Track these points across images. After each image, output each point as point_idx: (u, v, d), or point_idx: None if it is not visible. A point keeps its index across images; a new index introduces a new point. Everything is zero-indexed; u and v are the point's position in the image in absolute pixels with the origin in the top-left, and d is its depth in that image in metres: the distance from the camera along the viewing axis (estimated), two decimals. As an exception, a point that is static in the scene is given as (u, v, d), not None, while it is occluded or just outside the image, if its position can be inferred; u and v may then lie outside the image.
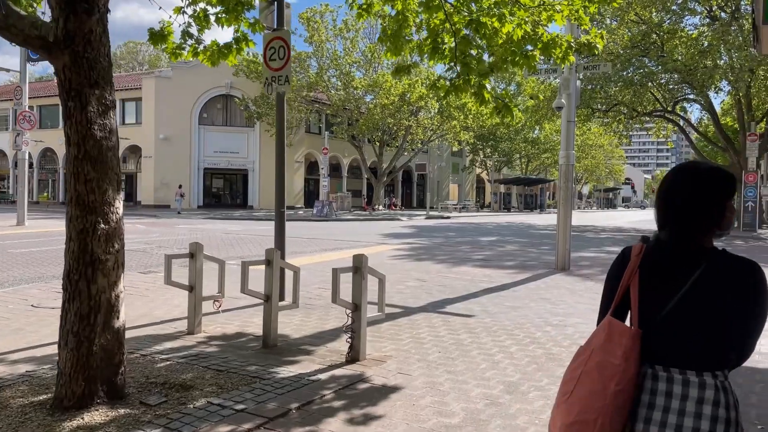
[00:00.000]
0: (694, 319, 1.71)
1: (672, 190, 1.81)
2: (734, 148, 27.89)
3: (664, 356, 1.73)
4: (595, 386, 1.72)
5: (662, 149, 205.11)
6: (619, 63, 24.76)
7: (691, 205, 1.76)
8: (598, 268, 11.53)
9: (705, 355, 1.71)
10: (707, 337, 1.70)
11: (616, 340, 1.74)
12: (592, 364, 1.75)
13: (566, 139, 10.92)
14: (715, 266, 1.71)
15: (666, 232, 1.81)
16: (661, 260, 1.79)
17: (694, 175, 1.79)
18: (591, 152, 68.48)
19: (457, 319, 6.91)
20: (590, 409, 1.71)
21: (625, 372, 1.71)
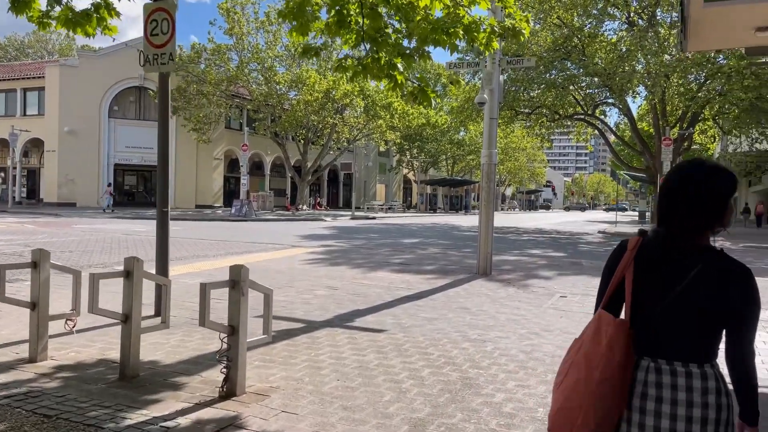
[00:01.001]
0: (688, 316, 1.77)
1: (677, 188, 1.82)
2: (650, 152, 28.64)
3: (665, 349, 1.79)
4: (581, 375, 1.78)
5: (581, 153, 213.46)
6: (542, 65, 24.83)
7: (696, 202, 1.78)
8: (520, 272, 11.02)
9: (703, 349, 1.78)
10: (698, 333, 1.77)
11: (603, 330, 1.80)
12: (581, 354, 1.81)
13: (488, 137, 10.35)
14: (711, 266, 1.77)
15: (665, 228, 1.84)
16: (659, 255, 1.83)
17: (699, 173, 1.81)
18: (514, 155, 69.83)
19: (366, 335, 6.07)
20: (575, 396, 1.77)
21: (609, 361, 1.76)
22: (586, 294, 8.95)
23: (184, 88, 36.07)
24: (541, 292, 9.02)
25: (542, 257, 14.46)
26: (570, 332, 6.45)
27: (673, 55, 23.59)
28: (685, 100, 25.55)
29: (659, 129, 27.55)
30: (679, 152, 29.56)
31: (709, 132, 33.15)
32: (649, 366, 1.79)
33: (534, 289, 9.26)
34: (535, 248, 17.42)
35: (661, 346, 1.79)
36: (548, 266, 12.07)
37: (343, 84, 35.07)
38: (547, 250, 16.80)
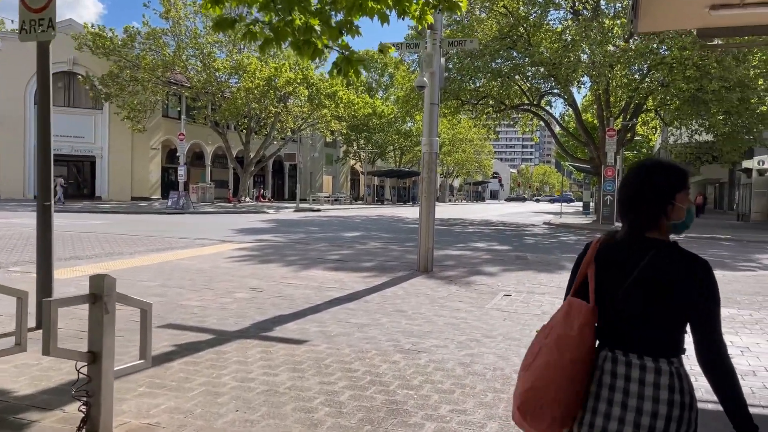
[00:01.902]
0: (645, 306, 1.79)
1: (624, 186, 1.91)
2: (594, 143, 28.68)
3: (622, 341, 1.82)
4: (553, 357, 1.81)
5: (527, 145, 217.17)
6: (487, 54, 24.37)
7: (637, 198, 1.85)
8: (462, 268, 10.40)
9: (659, 341, 1.78)
10: (658, 324, 1.78)
11: (574, 314, 1.84)
12: (552, 338, 1.85)
13: (429, 123, 9.64)
14: (661, 256, 1.80)
15: (623, 227, 1.91)
16: (615, 251, 1.89)
17: (640, 170, 1.89)
18: (462, 146, 69.88)
19: (283, 348, 5.27)
20: (545, 376, 1.80)
21: (581, 343, 1.80)
22: (531, 292, 8.39)
23: (116, 74, 34.13)
24: (484, 291, 8.40)
25: (487, 251, 13.94)
26: (514, 338, 5.82)
27: (617, 46, 23.51)
28: (628, 91, 25.59)
29: (603, 120, 27.59)
30: (623, 143, 29.74)
31: (651, 123, 33.57)
32: (606, 356, 1.84)
33: (477, 287, 8.64)
34: (480, 241, 16.93)
35: (620, 337, 1.83)
36: (493, 261, 11.52)
37: (286, 71, 33.90)
38: (492, 243, 16.33)
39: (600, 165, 27.10)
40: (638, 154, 54.44)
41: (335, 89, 38.18)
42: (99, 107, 37.88)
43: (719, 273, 10.85)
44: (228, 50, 38.24)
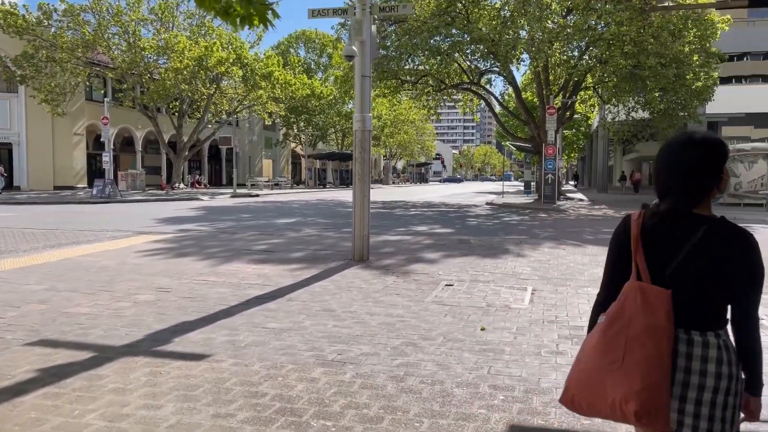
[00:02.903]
0: (695, 282, 1.78)
1: (670, 162, 1.86)
2: (534, 122, 28.43)
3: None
4: (650, 351, 1.74)
5: (468, 126, 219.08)
6: (426, 31, 23.54)
7: (689, 174, 1.82)
8: (402, 256, 9.60)
9: (706, 316, 1.79)
10: (708, 299, 1.79)
11: (656, 302, 1.77)
12: (638, 329, 1.77)
13: (361, 98, 8.73)
14: (713, 231, 1.79)
15: (668, 201, 1.86)
16: (661, 228, 1.84)
17: (693, 145, 1.84)
18: (404, 127, 69.20)
19: (179, 366, 4.32)
20: (653, 372, 1.73)
21: (671, 332, 1.76)
22: (475, 280, 7.67)
23: (31, 54, 31.55)
24: (424, 281, 7.63)
25: (428, 235, 13.20)
26: (456, 339, 5.05)
27: (555, 23, 23.12)
28: (567, 68, 25.33)
29: (543, 98, 27.33)
30: (562, 121, 29.63)
31: (589, 102, 33.64)
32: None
33: (416, 277, 7.86)
34: (421, 224, 16.20)
35: (676, 315, 1.79)
36: (434, 246, 10.78)
37: (217, 51, 32.17)
38: (434, 226, 15.63)
39: (540, 144, 26.87)
40: (576, 133, 55.15)
41: (271, 70, 36.64)
42: (13, 90, 35.12)
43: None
44: (155, 29, 36.08)
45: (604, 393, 1.79)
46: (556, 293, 6.97)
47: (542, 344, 4.96)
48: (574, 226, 16.18)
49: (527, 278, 7.87)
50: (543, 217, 19.87)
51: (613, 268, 1.94)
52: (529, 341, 5.05)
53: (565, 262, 9.12)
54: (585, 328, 5.61)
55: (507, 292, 7.02)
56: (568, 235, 13.61)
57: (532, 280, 7.76)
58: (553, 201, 25.71)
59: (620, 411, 1.77)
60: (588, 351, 1.86)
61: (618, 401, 1.76)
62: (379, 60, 25.31)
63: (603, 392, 1.79)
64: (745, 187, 25.38)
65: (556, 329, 5.43)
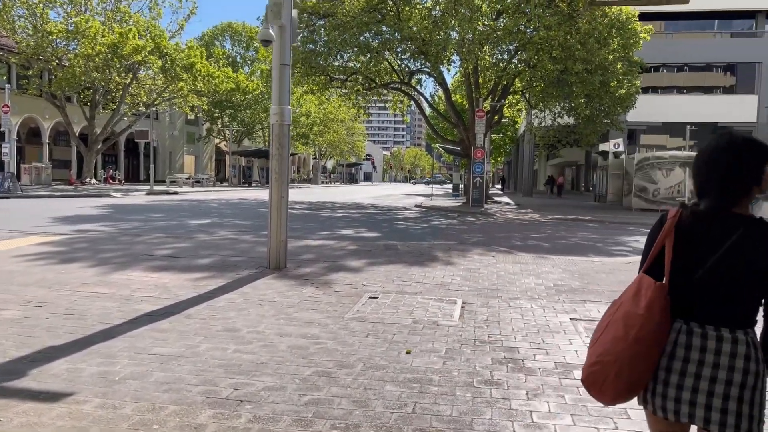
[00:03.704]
0: (729, 280, 1.82)
1: (711, 162, 1.90)
2: (464, 124, 28.31)
3: (699, 313, 1.85)
4: (618, 333, 1.85)
5: (399, 127, 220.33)
6: (355, 26, 22.84)
7: (731, 175, 1.85)
8: (323, 263, 8.81)
9: (737, 314, 1.83)
10: (740, 297, 1.83)
11: (643, 292, 1.86)
12: (620, 314, 1.89)
13: (279, 89, 7.89)
14: (752, 232, 1.82)
15: (706, 200, 1.88)
16: (699, 226, 1.88)
17: (732, 147, 1.88)
18: (334, 126, 68.29)
19: (24, 410, 3.39)
20: (611, 352, 1.85)
21: (646, 321, 1.82)
22: (401, 291, 7.00)
23: None
24: (345, 293, 6.89)
25: (353, 239, 12.48)
26: (377, 366, 4.35)
27: (486, 25, 22.97)
28: (496, 72, 25.29)
29: (472, 101, 27.22)
30: (491, 125, 29.68)
31: (517, 106, 33.95)
32: (681, 328, 1.87)
33: (337, 288, 7.11)
34: (347, 227, 15.47)
35: (696, 310, 1.86)
36: (358, 252, 10.05)
37: (133, 38, 30.22)
38: (361, 230, 14.94)
39: (469, 147, 26.73)
40: (504, 137, 56.05)
41: (193, 61, 34.90)
42: None
43: (597, 260, 10.20)
44: (65, 12, 33.60)
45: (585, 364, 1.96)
46: (487, 306, 6.41)
47: (475, 371, 4.34)
48: (503, 230, 15.91)
49: (457, 289, 7.29)
50: (471, 221, 19.59)
51: (643, 260, 2.02)
52: (460, 367, 4.42)
53: (496, 271, 8.63)
54: (520, 349, 4.97)
55: (435, 305, 6.40)
56: (497, 240, 13.25)
57: (461, 291, 7.19)
58: (481, 204, 25.61)
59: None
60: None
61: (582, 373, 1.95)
62: (307, 55, 24.44)
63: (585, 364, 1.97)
64: (663, 194, 26.17)
65: (489, 351, 4.83)
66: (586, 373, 1.92)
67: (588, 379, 1.91)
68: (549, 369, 4.44)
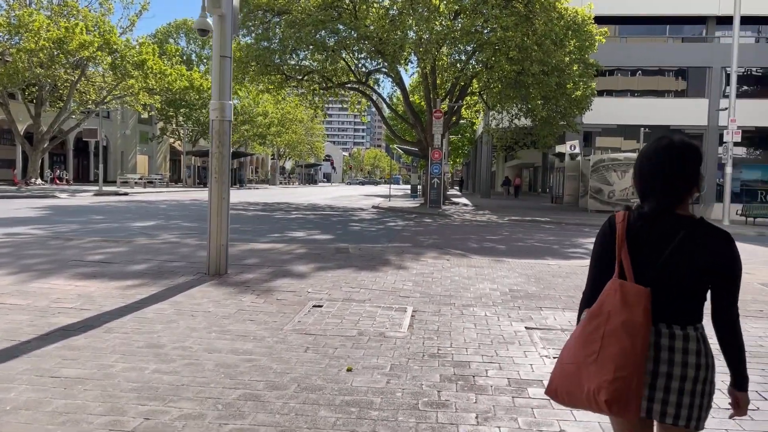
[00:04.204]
0: (677, 279, 1.89)
1: (653, 164, 1.97)
2: (422, 125, 28.06)
3: (653, 313, 1.88)
4: (625, 344, 1.83)
5: (359, 129, 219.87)
6: (311, 24, 22.30)
7: (674, 177, 1.93)
8: (268, 268, 8.30)
9: (686, 311, 1.92)
10: (688, 295, 1.91)
11: (633, 300, 1.86)
12: (616, 324, 1.85)
13: (219, 82, 7.37)
14: (694, 231, 1.91)
15: (650, 202, 1.95)
16: (645, 228, 1.94)
17: (673, 150, 1.96)
18: (292, 127, 67.34)
19: None
20: (626, 365, 1.82)
21: (647, 328, 1.85)
22: (348, 299, 6.57)
23: None
24: (288, 301, 6.42)
25: (304, 242, 11.98)
26: (314, 387, 3.91)
27: (443, 25, 22.74)
28: (454, 72, 25.11)
29: (430, 101, 26.98)
30: (449, 126, 29.52)
31: (475, 107, 33.90)
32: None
33: (280, 296, 6.64)
34: (300, 229, 14.96)
35: (659, 310, 1.90)
36: (307, 256, 9.57)
37: (80, 33, 28.97)
38: (314, 232, 14.44)
39: (427, 147, 26.49)
40: (462, 138, 56.20)
41: (144, 58, 33.74)
42: None
43: (554, 263, 9.98)
44: (8, 4, 32.04)
45: (581, 384, 1.89)
46: (438, 315, 6.04)
47: (421, 391, 3.94)
48: (459, 232, 15.64)
49: (408, 296, 6.90)
50: (428, 222, 19.29)
51: (598, 266, 2.03)
52: (405, 386, 4.01)
53: (449, 276, 8.28)
54: (471, 363, 4.57)
55: (384, 314, 5.99)
56: (453, 243, 12.95)
57: (413, 297, 6.80)
58: (438, 205, 25.39)
59: (594, 401, 1.87)
60: (569, 345, 1.98)
61: (592, 391, 1.86)
62: (262, 53, 23.81)
63: (580, 383, 1.90)
64: (618, 195, 26.43)
65: (438, 367, 4.44)
66: (609, 391, 1.83)
67: (612, 397, 1.83)
68: (502, 387, 4.07)
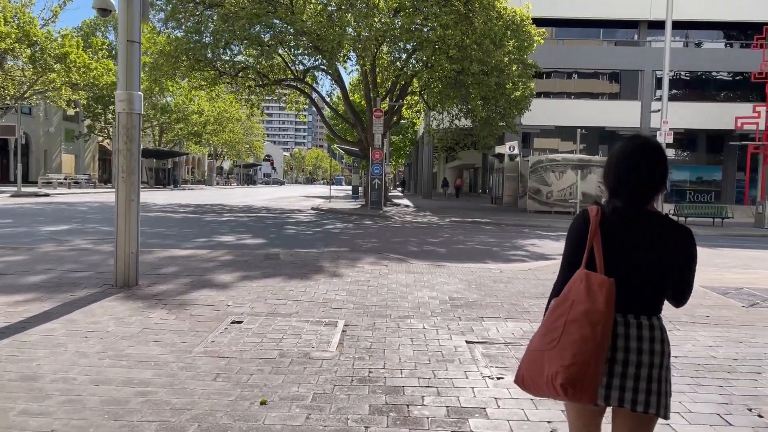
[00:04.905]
0: (646, 273, 2.01)
1: (627, 164, 2.07)
2: (362, 125, 27.49)
3: (623, 305, 2.00)
4: (585, 331, 1.91)
5: (300, 128, 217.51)
6: (244, 18, 21.34)
7: (648, 175, 2.04)
8: (186, 278, 7.51)
9: (653, 303, 2.05)
10: (655, 288, 2.04)
11: (597, 289, 1.94)
12: (578, 312, 1.94)
13: (126, 71, 6.53)
14: (663, 228, 2.04)
15: (622, 199, 2.06)
16: (618, 223, 2.03)
17: (648, 150, 2.07)
18: (229, 125, 65.42)
19: None
20: (585, 350, 1.90)
21: (608, 317, 1.93)
22: (273, 313, 5.90)
23: None
24: (204, 316, 5.70)
25: (232, 248, 11.17)
26: (217, 427, 3.26)
27: (384, 22, 22.24)
28: (394, 71, 24.67)
29: (370, 101, 26.45)
30: (390, 125, 29.09)
31: (416, 107, 33.59)
32: (618, 320, 2.00)
33: (195, 311, 5.90)
34: (230, 233, 14.08)
35: (629, 302, 2.00)
36: (233, 264, 8.80)
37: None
38: (244, 236, 13.61)
39: (368, 147, 25.94)
40: (404, 139, 55.99)
41: (66, 51, 31.78)
42: None
43: (495, 267, 9.57)
44: None
45: (542, 370, 1.98)
46: (372, 329, 5.46)
47: (346, 428, 3.34)
48: (399, 235, 15.15)
49: (340, 307, 6.28)
50: (368, 224, 18.73)
51: (571, 257, 2.11)
52: (328, 423, 3.40)
53: (386, 283, 7.72)
54: (406, 389, 3.97)
55: (311, 330, 5.36)
56: (392, 246, 12.42)
57: (345, 309, 6.20)
58: (379, 207, 24.89)
59: (552, 385, 1.95)
60: (535, 335, 2.09)
61: (550, 376, 1.95)
62: (193, 46, 22.68)
63: (542, 369, 1.98)
64: (556, 196, 26.62)
65: (369, 395, 3.85)
66: (564, 375, 1.91)
67: (567, 381, 1.91)
68: (439, 418, 3.52)
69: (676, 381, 4.27)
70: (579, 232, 2.06)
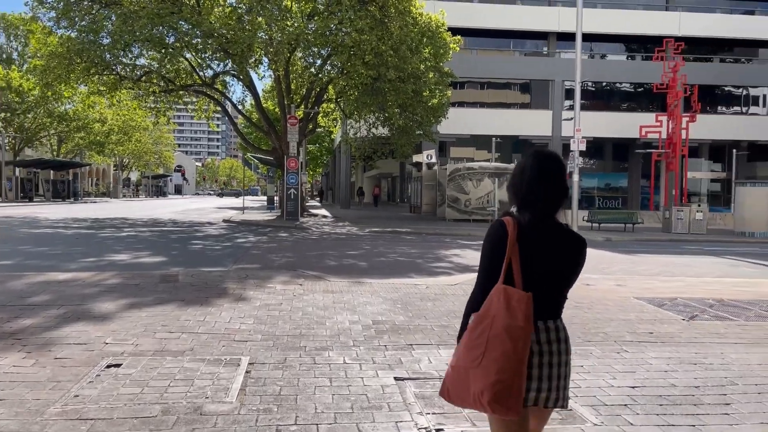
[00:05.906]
0: (554, 280, 2.11)
1: (540, 175, 2.12)
2: (276, 133, 26.34)
3: (536, 313, 2.03)
4: (507, 347, 1.96)
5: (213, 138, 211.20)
6: (145, 17, 19.78)
7: (558, 187, 2.13)
8: (57, 310, 6.25)
9: (557, 307, 2.15)
10: (559, 293, 2.15)
11: (515, 305, 1.99)
12: (499, 328, 1.98)
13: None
14: (568, 237, 2.14)
15: (533, 210, 2.10)
16: (532, 234, 2.08)
17: (555, 159, 2.15)
18: (136, 135, 61.97)
19: None
20: (508, 367, 1.96)
21: (527, 332, 1.99)
22: (162, 351, 4.88)
23: None
24: (74, 359, 4.60)
25: (124, 268, 9.85)
26: None
27: (297, 26, 21.29)
28: (309, 77, 23.77)
29: (284, 108, 25.36)
30: (305, 133, 28.11)
31: (332, 115, 32.73)
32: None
33: (63, 352, 4.77)
34: (126, 251, 12.65)
35: (540, 308, 2.05)
36: (120, 289, 7.59)
37: None
38: (142, 254, 12.25)
39: (283, 156, 24.83)
40: (320, 148, 54.99)
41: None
42: None
43: (421, 282, 8.86)
44: None
45: (468, 386, 2.03)
46: (283, 367, 4.56)
47: None
48: (316, 248, 14.23)
49: (245, 339, 5.33)
50: (283, 237, 17.67)
51: (489, 269, 2.11)
52: None
53: (301, 306, 6.81)
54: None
55: (207, 373, 4.39)
56: (309, 261, 11.50)
57: (251, 342, 5.25)
58: (296, 218, 23.83)
59: (479, 402, 2.01)
60: (459, 349, 2.11)
61: (477, 393, 2.00)
62: (87, 47, 20.82)
63: (467, 386, 2.04)
64: (474, 204, 26.51)
65: (275, 466, 2.96)
66: (491, 393, 1.96)
67: (495, 398, 1.95)
68: (367, 500, 2.69)
69: (643, 420, 3.65)
70: (500, 244, 2.07)
